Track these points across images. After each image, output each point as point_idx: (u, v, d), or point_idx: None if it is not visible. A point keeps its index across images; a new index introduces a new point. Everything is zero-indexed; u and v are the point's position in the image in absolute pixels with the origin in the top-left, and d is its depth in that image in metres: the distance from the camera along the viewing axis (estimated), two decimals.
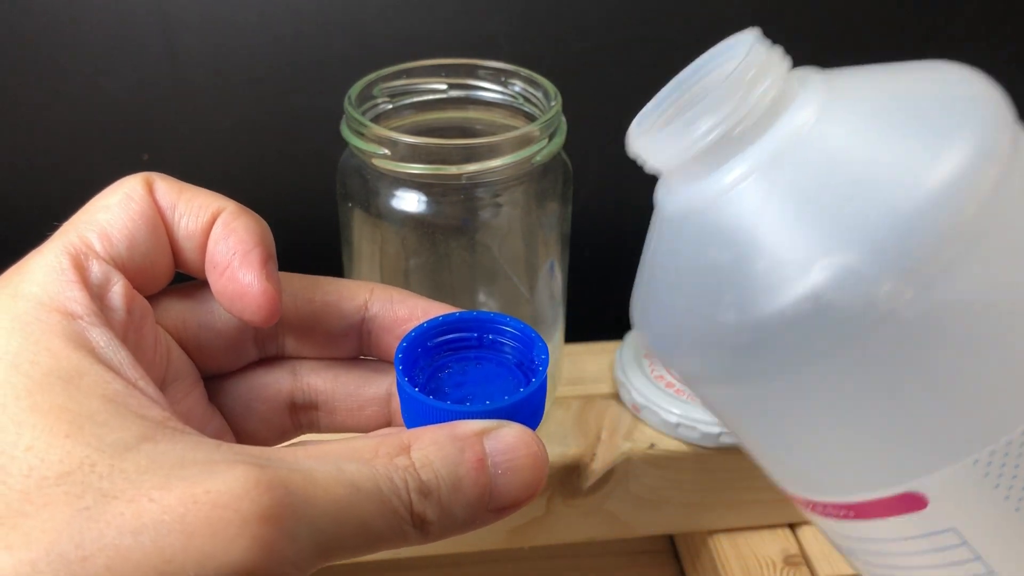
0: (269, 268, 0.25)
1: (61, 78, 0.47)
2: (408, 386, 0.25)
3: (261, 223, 0.26)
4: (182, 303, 0.27)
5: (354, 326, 0.28)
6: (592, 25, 0.49)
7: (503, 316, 0.27)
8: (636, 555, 0.43)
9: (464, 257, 0.36)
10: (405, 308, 0.28)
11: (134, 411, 0.20)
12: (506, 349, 0.27)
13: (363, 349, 0.28)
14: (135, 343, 0.24)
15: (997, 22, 0.52)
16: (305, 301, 0.27)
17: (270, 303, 0.24)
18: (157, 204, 0.25)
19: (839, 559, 0.38)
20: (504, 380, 0.27)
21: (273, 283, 0.25)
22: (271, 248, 0.26)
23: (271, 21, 0.47)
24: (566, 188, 0.36)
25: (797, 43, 0.52)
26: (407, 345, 0.26)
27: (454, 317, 0.27)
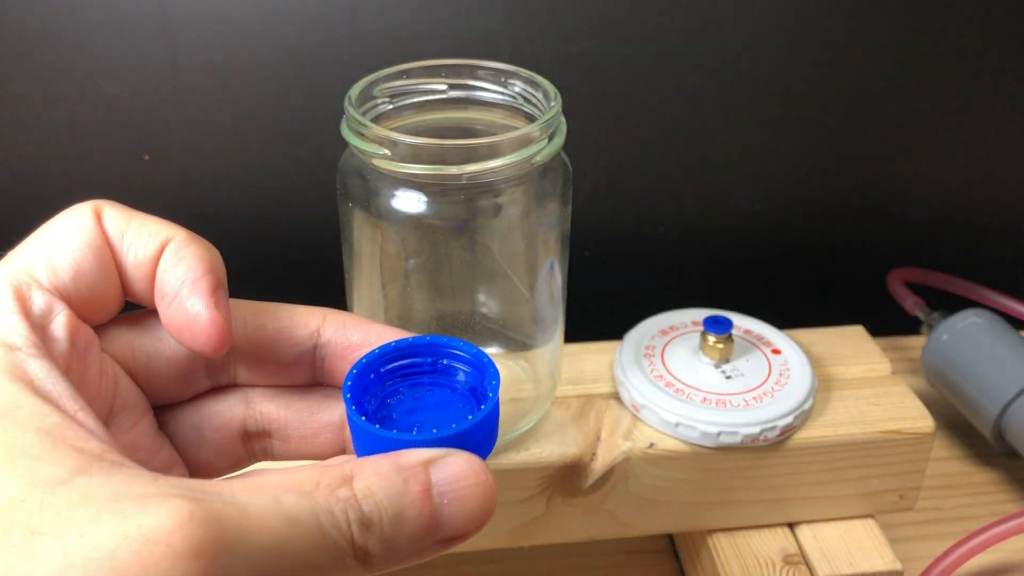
0: (218, 296, 0.25)
1: (62, 79, 0.47)
2: (355, 414, 0.24)
3: (211, 250, 0.25)
4: (131, 332, 0.26)
5: (306, 353, 0.27)
6: (592, 26, 0.49)
7: (456, 341, 0.27)
8: (635, 554, 0.43)
9: (464, 257, 0.36)
10: (358, 334, 0.27)
11: (71, 444, 0.20)
12: (459, 375, 0.27)
13: (316, 376, 0.28)
14: (79, 374, 0.24)
15: (997, 21, 0.52)
16: (256, 328, 0.27)
17: (220, 333, 0.24)
18: (105, 233, 0.25)
19: (838, 559, 0.38)
20: (456, 407, 0.26)
21: (223, 312, 0.24)
22: (221, 276, 0.25)
23: (271, 22, 0.47)
24: (566, 188, 0.36)
25: (796, 42, 0.52)
26: (357, 372, 0.26)
27: (406, 343, 0.27)
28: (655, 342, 0.41)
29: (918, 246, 0.58)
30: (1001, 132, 0.55)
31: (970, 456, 0.49)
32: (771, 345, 0.41)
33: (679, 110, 0.52)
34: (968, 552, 0.38)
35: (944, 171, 0.56)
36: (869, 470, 0.39)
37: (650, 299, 0.45)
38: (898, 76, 0.52)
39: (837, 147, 0.54)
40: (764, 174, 0.55)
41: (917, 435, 0.39)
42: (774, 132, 0.53)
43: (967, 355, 0.47)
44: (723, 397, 0.38)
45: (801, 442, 0.38)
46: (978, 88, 0.53)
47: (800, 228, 0.56)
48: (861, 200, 0.56)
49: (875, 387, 0.41)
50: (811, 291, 0.58)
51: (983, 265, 0.58)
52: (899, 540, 0.40)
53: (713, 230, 0.56)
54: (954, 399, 0.48)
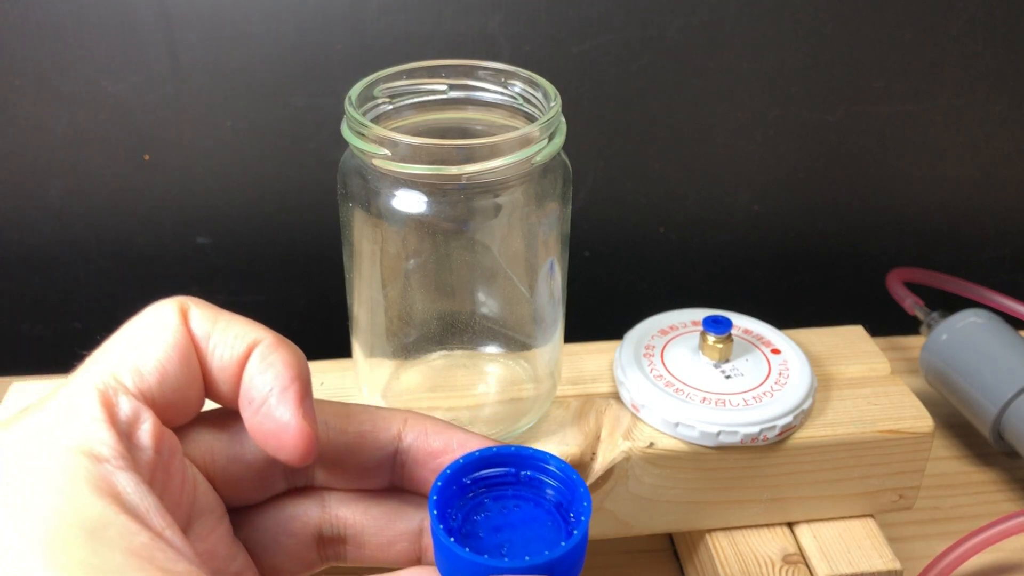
0: (307, 406, 0.24)
1: (63, 78, 0.48)
2: (443, 535, 0.24)
3: (299, 356, 0.25)
4: (211, 434, 0.26)
5: (387, 458, 0.27)
6: (592, 26, 0.49)
7: (542, 453, 0.26)
8: (635, 554, 0.43)
9: (464, 257, 0.36)
10: (440, 440, 0.27)
11: (159, 566, 0.20)
12: (545, 488, 0.26)
13: (395, 481, 0.28)
14: (162, 483, 0.23)
15: (997, 21, 0.52)
16: (338, 432, 0.27)
17: (307, 443, 0.23)
18: (191, 333, 0.24)
19: (838, 558, 0.38)
20: (543, 525, 0.26)
21: (311, 422, 0.24)
22: (308, 383, 0.25)
23: (272, 22, 0.47)
24: (566, 188, 0.36)
25: (796, 42, 0.52)
26: (442, 485, 0.25)
27: (491, 452, 0.26)
28: (655, 342, 0.41)
29: (917, 246, 0.58)
30: (1000, 132, 0.55)
31: (969, 456, 0.49)
32: (771, 345, 0.41)
33: (679, 110, 0.52)
34: (967, 552, 0.38)
35: (944, 171, 0.56)
36: (868, 470, 0.39)
37: (650, 299, 0.45)
38: (898, 76, 0.52)
39: (837, 147, 0.54)
40: (763, 174, 0.55)
41: (916, 435, 0.39)
42: (774, 132, 0.53)
43: (966, 355, 0.47)
44: (723, 397, 0.38)
45: (800, 442, 0.38)
46: (978, 88, 0.53)
47: (800, 228, 0.57)
48: (860, 200, 0.56)
49: (874, 387, 0.41)
50: (810, 291, 0.58)
51: (982, 265, 0.58)
52: (898, 539, 0.40)
53: (713, 230, 0.56)
54: (953, 399, 0.48)
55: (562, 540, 0.25)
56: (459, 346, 0.39)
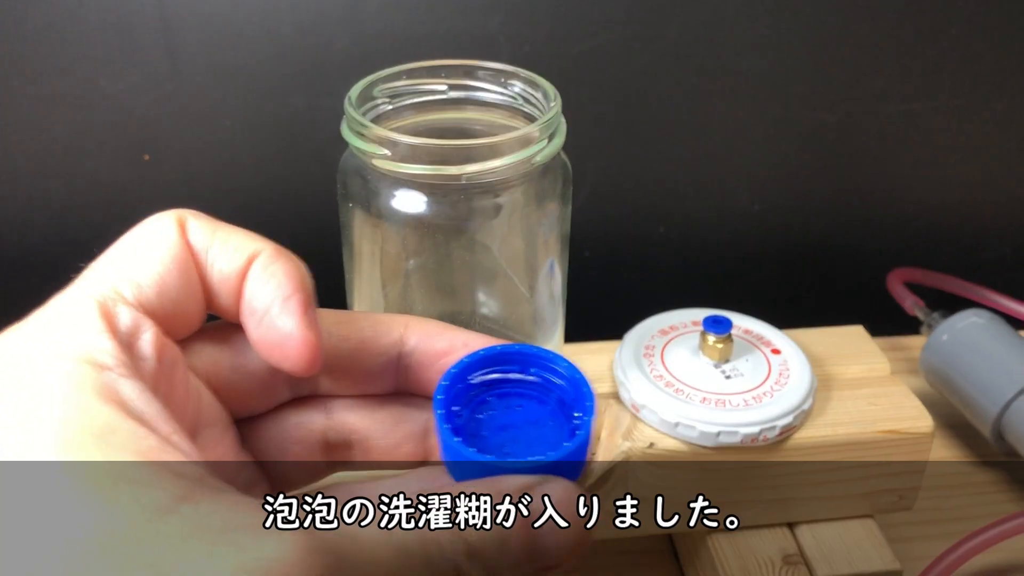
0: (310, 315, 0.24)
1: (62, 78, 0.47)
2: (449, 435, 0.24)
3: (300, 266, 0.25)
4: (213, 346, 0.26)
5: (390, 362, 0.27)
6: (592, 26, 0.49)
7: (548, 352, 0.26)
8: (635, 554, 0.43)
9: (464, 257, 0.36)
10: (444, 341, 0.27)
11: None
12: (550, 388, 0.26)
13: (399, 385, 0.27)
14: (166, 393, 0.23)
15: (998, 20, 0.52)
16: (340, 339, 0.26)
17: (311, 352, 0.23)
18: (190, 246, 0.24)
19: (838, 559, 0.38)
20: (547, 425, 0.26)
21: (314, 331, 0.24)
22: (311, 293, 0.24)
23: (271, 22, 0.47)
24: (566, 188, 0.36)
25: (796, 42, 0.52)
26: (447, 384, 0.25)
27: (496, 351, 0.26)
28: (655, 342, 0.41)
29: (918, 246, 0.58)
30: (1001, 132, 0.55)
31: (970, 456, 0.49)
32: (771, 345, 0.41)
33: (679, 110, 0.52)
34: (968, 552, 0.38)
35: (944, 171, 0.56)
36: (868, 470, 0.39)
37: (650, 299, 0.45)
38: (898, 75, 0.52)
39: (837, 146, 0.54)
40: (764, 174, 0.55)
41: (916, 435, 0.39)
42: (774, 132, 0.53)
43: (967, 355, 0.47)
44: (723, 397, 0.38)
45: (801, 442, 0.38)
46: (978, 87, 0.53)
47: (800, 228, 0.56)
48: (861, 200, 0.56)
49: (874, 387, 0.41)
50: (811, 291, 0.58)
51: (983, 265, 0.58)
52: (898, 540, 0.40)
53: (713, 230, 0.56)
54: (954, 399, 0.48)
55: (565, 440, 0.24)
56: None
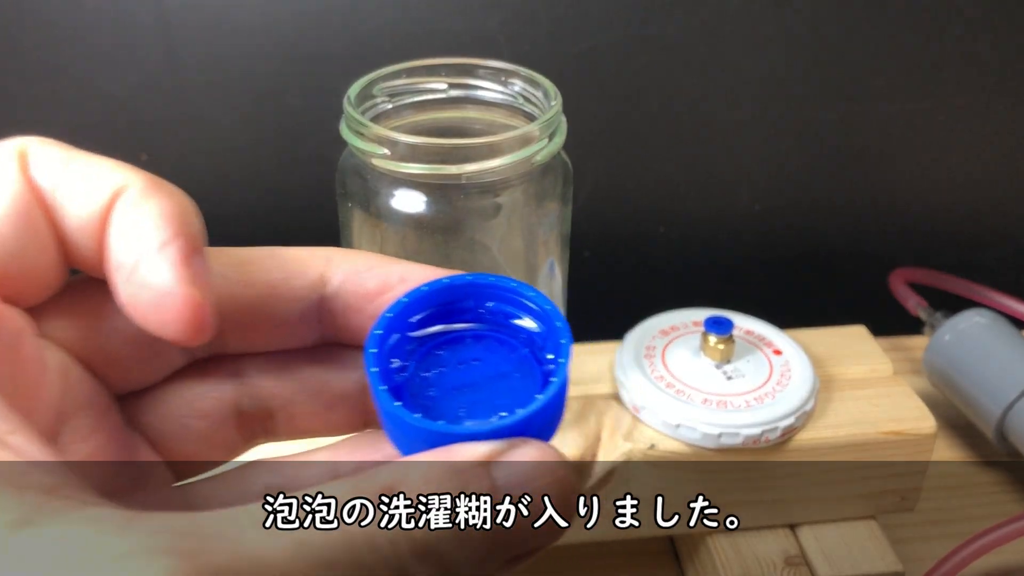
0: (195, 266, 0.19)
1: (59, 78, 0.47)
2: (387, 398, 0.19)
3: (180, 202, 0.19)
4: (78, 309, 0.21)
5: (310, 308, 0.22)
6: (592, 24, 0.49)
7: (507, 280, 0.21)
8: (635, 555, 0.43)
9: (464, 257, 0.35)
10: (376, 277, 0.22)
11: (7, 481, 0.15)
12: (513, 325, 0.22)
13: (325, 334, 0.23)
14: (9, 375, 0.18)
15: (999, 19, 0.51)
16: (242, 284, 0.21)
17: (196, 315, 0.18)
18: (33, 184, 0.19)
19: (839, 560, 0.38)
20: (514, 375, 0.21)
21: (200, 287, 0.18)
22: (197, 236, 0.19)
23: (270, 21, 0.47)
24: (566, 188, 0.35)
25: (797, 41, 0.52)
26: (382, 333, 0.20)
27: (442, 285, 0.21)
28: (656, 342, 0.41)
29: (920, 246, 0.57)
30: (1004, 130, 0.55)
31: (972, 457, 0.49)
32: (772, 345, 0.41)
33: (680, 109, 0.52)
34: (972, 554, 0.38)
35: (947, 170, 0.56)
36: (871, 471, 0.39)
37: (650, 299, 0.45)
38: (899, 74, 0.52)
39: (839, 146, 0.54)
40: (765, 174, 0.54)
41: (919, 436, 0.39)
42: (775, 131, 0.53)
43: (969, 356, 0.46)
44: (724, 398, 0.38)
45: (802, 443, 0.38)
46: (980, 86, 0.53)
47: (801, 228, 0.56)
48: (863, 200, 0.56)
49: (877, 387, 0.41)
50: (812, 291, 0.58)
51: (986, 265, 0.58)
52: (901, 541, 0.40)
53: (714, 230, 0.56)
54: (956, 400, 0.47)
55: (536, 392, 0.20)
56: None
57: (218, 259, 0.21)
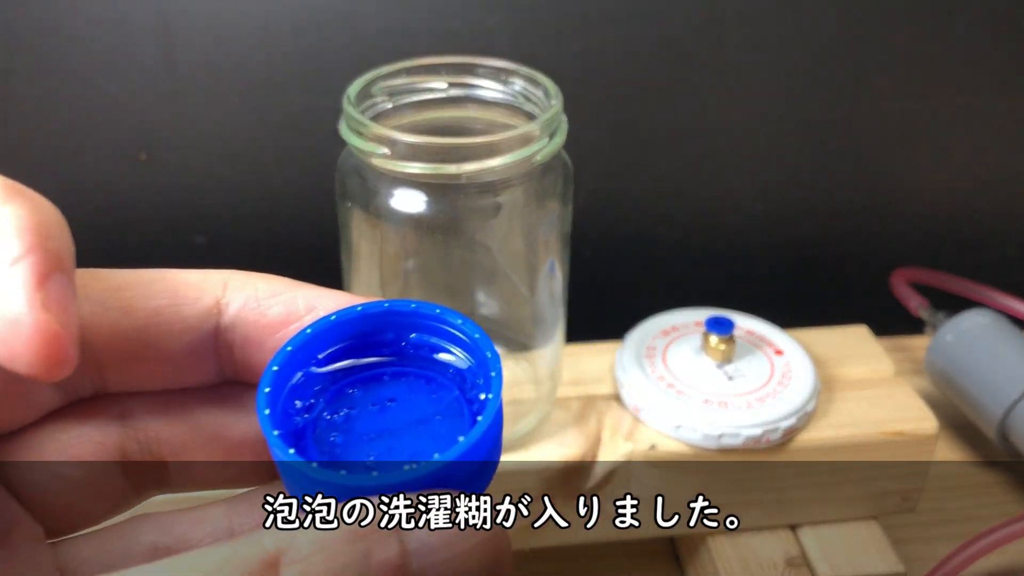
0: (52, 288, 0.16)
1: (58, 78, 0.47)
2: (277, 443, 0.17)
3: (41, 210, 0.16)
4: None
5: (203, 340, 0.19)
6: (593, 23, 0.49)
7: (428, 306, 0.19)
8: (636, 556, 0.43)
9: (464, 257, 0.35)
10: (280, 305, 0.19)
11: None
12: (438, 359, 0.19)
13: (225, 371, 0.20)
14: None
15: (1001, 18, 0.51)
16: (122, 312, 0.18)
17: (51, 347, 0.15)
18: None
19: (840, 561, 0.38)
20: (435, 416, 0.18)
21: (58, 313, 0.15)
22: (59, 252, 0.16)
23: (269, 20, 0.47)
24: (566, 188, 0.35)
25: (799, 41, 0.52)
26: (279, 370, 0.18)
27: (354, 314, 0.19)
28: (656, 343, 0.41)
29: (922, 246, 0.57)
30: (1007, 130, 0.54)
31: (974, 458, 0.49)
32: (773, 346, 0.41)
33: (681, 109, 0.52)
34: (972, 555, 0.38)
35: (949, 169, 0.55)
36: (872, 471, 0.39)
37: (651, 299, 0.45)
38: (901, 73, 0.52)
39: (840, 146, 0.54)
40: (766, 173, 0.54)
41: (920, 436, 0.38)
42: (776, 131, 0.53)
43: (971, 356, 0.46)
44: (725, 398, 0.38)
45: (804, 443, 0.38)
46: (983, 86, 0.53)
47: (803, 227, 0.56)
48: (864, 199, 0.56)
49: (878, 388, 0.41)
50: (814, 291, 0.58)
51: (988, 265, 0.58)
52: (902, 542, 0.40)
53: (715, 230, 0.55)
54: (958, 400, 0.47)
55: (460, 434, 0.17)
56: None
57: (94, 282, 0.19)
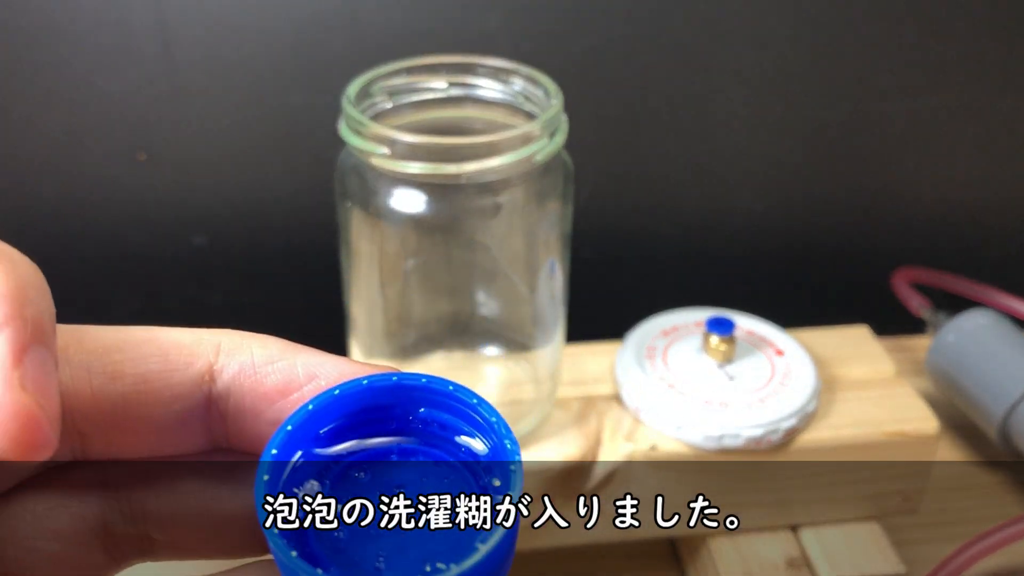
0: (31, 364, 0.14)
1: (58, 77, 0.47)
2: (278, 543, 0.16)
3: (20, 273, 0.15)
4: None
5: (194, 409, 0.18)
6: (593, 23, 0.49)
7: (441, 381, 0.17)
8: (636, 557, 0.43)
9: (464, 257, 0.35)
10: (277, 373, 0.18)
11: None
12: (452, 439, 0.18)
13: (217, 439, 0.19)
14: None
15: (1002, 18, 0.51)
16: (107, 378, 0.17)
17: (29, 430, 0.14)
18: None
19: (841, 562, 0.38)
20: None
21: (37, 392, 0.14)
22: (39, 321, 0.15)
23: (268, 19, 0.47)
24: (567, 187, 0.35)
25: (799, 40, 0.52)
26: (276, 454, 0.16)
27: (359, 387, 0.17)
28: (657, 343, 0.41)
29: (923, 246, 0.57)
30: (1007, 129, 0.54)
31: (976, 458, 0.49)
32: (774, 346, 0.41)
33: (681, 108, 0.52)
34: (974, 555, 0.38)
35: (949, 169, 0.55)
36: (873, 472, 0.39)
37: (652, 299, 0.45)
38: (902, 73, 0.52)
39: (841, 145, 0.54)
40: (767, 173, 0.54)
41: (922, 437, 0.38)
42: (777, 131, 0.53)
43: (972, 356, 0.46)
44: (726, 399, 0.38)
45: (804, 444, 0.38)
46: (983, 84, 0.53)
47: (803, 227, 0.56)
48: (865, 199, 0.56)
49: (879, 388, 0.40)
50: (815, 291, 0.58)
51: (989, 265, 0.58)
52: (903, 543, 0.40)
53: (716, 230, 0.55)
54: (959, 400, 0.47)
55: (477, 539, 0.16)
56: (459, 347, 0.39)
57: (78, 343, 0.18)
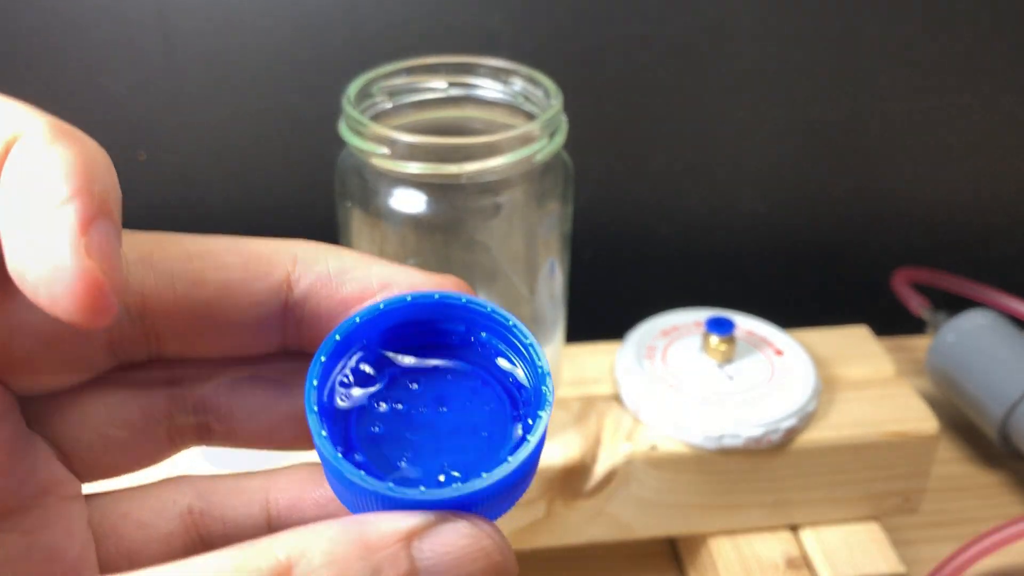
0: (97, 234, 0.15)
1: (58, 76, 0.47)
2: (316, 423, 0.16)
3: (89, 152, 0.16)
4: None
5: (272, 314, 0.19)
6: (593, 23, 0.49)
7: (501, 312, 0.18)
8: (637, 557, 0.43)
9: (464, 257, 0.35)
10: (353, 283, 0.18)
11: None
12: (498, 364, 0.18)
13: (289, 342, 0.19)
14: None
15: (1002, 18, 0.51)
16: (191, 283, 0.18)
17: (92, 295, 0.14)
18: None
19: (841, 561, 0.38)
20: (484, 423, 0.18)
21: (101, 258, 0.15)
22: (105, 196, 0.16)
23: (269, 19, 0.47)
24: (567, 187, 0.35)
25: (799, 40, 0.52)
26: (339, 341, 0.17)
27: (431, 300, 0.18)
28: (657, 343, 0.41)
29: (923, 245, 0.57)
30: (1008, 129, 0.54)
31: (975, 458, 0.49)
32: (774, 346, 0.41)
33: (682, 108, 0.52)
34: (974, 556, 0.38)
35: (950, 169, 0.55)
36: (873, 472, 0.39)
37: (652, 299, 0.45)
38: (902, 73, 0.52)
39: (841, 146, 0.54)
40: (767, 173, 0.54)
41: (921, 437, 0.38)
42: (777, 131, 0.53)
43: (972, 356, 0.46)
44: (725, 399, 0.38)
45: (804, 444, 0.38)
46: (984, 85, 0.53)
47: (803, 228, 0.56)
48: (865, 199, 0.56)
49: (879, 388, 0.40)
50: (815, 291, 0.58)
51: (989, 265, 0.58)
52: (903, 543, 0.40)
53: (716, 230, 0.55)
54: (959, 400, 0.47)
55: (507, 452, 0.17)
56: None
57: (162, 250, 0.18)
